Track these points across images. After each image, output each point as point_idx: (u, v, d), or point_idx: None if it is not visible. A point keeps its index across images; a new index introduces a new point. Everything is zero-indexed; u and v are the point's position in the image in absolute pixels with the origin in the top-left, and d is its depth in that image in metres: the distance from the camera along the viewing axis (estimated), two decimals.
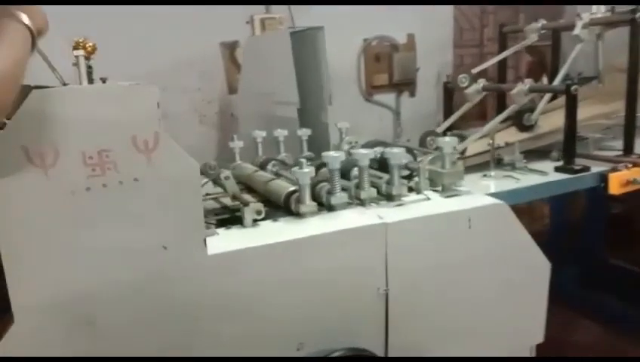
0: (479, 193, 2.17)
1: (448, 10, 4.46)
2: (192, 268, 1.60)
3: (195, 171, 1.57)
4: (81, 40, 1.60)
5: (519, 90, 2.63)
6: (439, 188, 2.20)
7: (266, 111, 3.23)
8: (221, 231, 1.85)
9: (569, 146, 2.56)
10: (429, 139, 2.77)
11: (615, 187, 2.48)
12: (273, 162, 2.55)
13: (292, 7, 3.89)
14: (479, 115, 4.72)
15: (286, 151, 2.74)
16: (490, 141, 2.51)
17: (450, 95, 3.12)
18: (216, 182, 2.21)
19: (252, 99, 3.44)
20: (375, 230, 1.85)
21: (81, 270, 1.49)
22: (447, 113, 3.10)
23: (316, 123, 2.98)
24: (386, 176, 2.13)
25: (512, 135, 2.85)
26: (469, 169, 2.55)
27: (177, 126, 3.80)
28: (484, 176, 2.54)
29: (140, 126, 1.47)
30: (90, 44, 1.62)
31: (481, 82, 2.86)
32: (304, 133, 2.79)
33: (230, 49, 3.81)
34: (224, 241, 1.73)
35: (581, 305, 3.75)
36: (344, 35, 4.00)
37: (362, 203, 2.05)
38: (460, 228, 1.96)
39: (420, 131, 2.92)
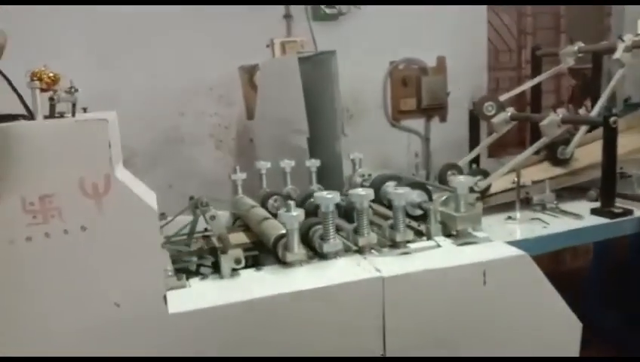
0: (499, 241, 1.89)
1: (482, 30, 4.18)
2: (149, 328, 1.40)
3: (152, 218, 1.38)
4: (37, 70, 1.44)
5: (551, 121, 2.33)
6: (454, 233, 1.93)
7: (280, 139, 3.05)
8: (194, 281, 1.64)
9: (608, 186, 2.24)
10: (449, 173, 2.50)
11: None
12: (275, 197, 2.35)
13: (315, 28, 3.73)
14: (518, 142, 4.41)
15: (295, 184, 2.53)
16: (515, 179, 2.21)
17: (476, 123, 2.85)
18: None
19: (267, 125, 3.26)
20: (370, 285, 1.60)
21: (21, 328, 1.32)
22: (473, 143, 2.83)
23: (330, 153, 2.76)
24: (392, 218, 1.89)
25: (544, 170, 2.55)
26: (494, 209, 2.28)
27: (193, 151, 3.70)
28: (509, 218, 2.24)
29: (88, 167, 1.30)
30: (51, 74, 1.46)
31: (510, 110, 2.57)
32: (313, 164, 2.57)
33: (249, 73, 3.63)
34: (192, 296, 1.52)
35: (627, 349, 3.34)
36: (370, 58, 3.81)
37: (361, 250, 1.82)
38: (472, 285, 1.69)
39: (451, 158, 2.65)
